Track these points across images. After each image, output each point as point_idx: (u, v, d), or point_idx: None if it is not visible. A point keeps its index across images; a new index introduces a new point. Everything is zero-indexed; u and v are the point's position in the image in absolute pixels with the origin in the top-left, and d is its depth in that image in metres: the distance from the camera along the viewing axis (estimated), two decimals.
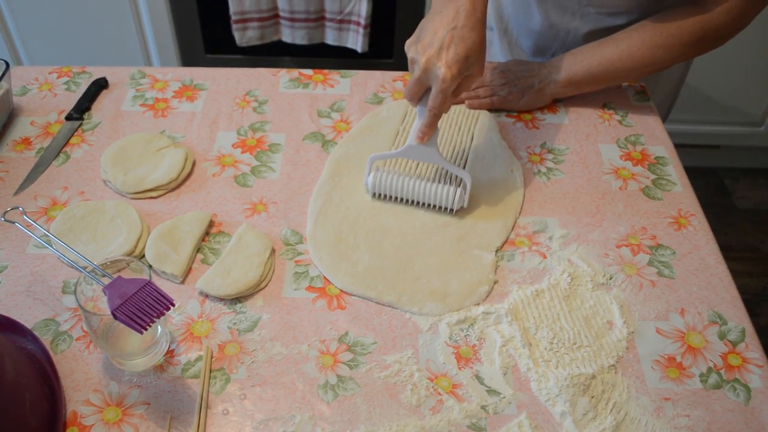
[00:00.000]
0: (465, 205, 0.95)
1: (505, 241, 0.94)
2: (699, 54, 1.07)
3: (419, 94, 0.90)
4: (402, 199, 0.97)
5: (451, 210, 0.96)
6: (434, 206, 0.97)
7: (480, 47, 0.87)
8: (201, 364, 0.79)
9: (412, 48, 0.89)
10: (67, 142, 1.07)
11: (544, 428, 0.75)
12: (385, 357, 0.81)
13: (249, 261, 0.87)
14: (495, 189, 1.00)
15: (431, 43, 0.86)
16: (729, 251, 0.94)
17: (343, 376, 0.79)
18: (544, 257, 0.92)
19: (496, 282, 0.89)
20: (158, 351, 0.79)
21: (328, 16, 2.00)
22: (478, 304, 0.86)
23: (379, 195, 0.98)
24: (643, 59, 1.07)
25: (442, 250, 0.92)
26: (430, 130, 0.90)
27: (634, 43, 1.06)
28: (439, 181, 0.97)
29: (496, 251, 0.93)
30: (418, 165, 1.01)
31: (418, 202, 0.97)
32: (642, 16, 1.08)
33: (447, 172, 0.99)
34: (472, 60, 0.86)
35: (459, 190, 0.94)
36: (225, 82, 1.19)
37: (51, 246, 0.85)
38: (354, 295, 0.87)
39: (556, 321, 0.84)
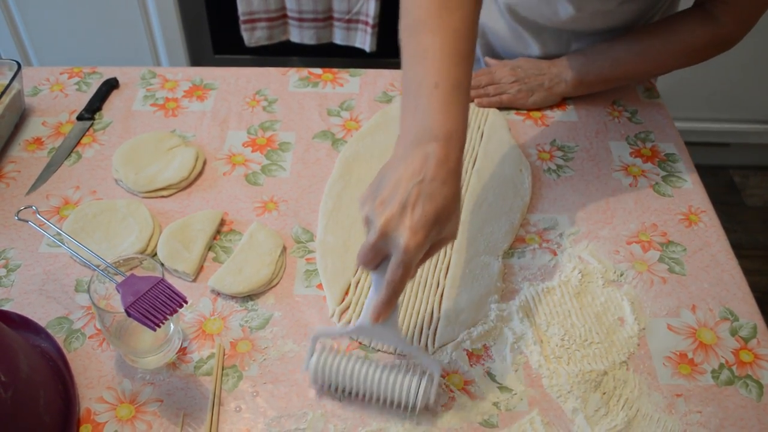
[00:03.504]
0: (431, 402, 0.74)
1: (512, 244, 0.94)
2: (706, 59, 1.07)
3: (376, 261, 0.69)
4: (349, 392, 0.76)
5: (413, 408, 0.74)
6: (390, 402, 0.75)
7: (453, 205, 0.69)
8: (213, 361, 0.80)
9: (367, 204, 0.69)
10: (78, 142, 1.07)
11: (555, 424, 0.75)
12: (397, 354, 0.81)
13: (260, 259, 0.88)
14: (503, 189, 1.00)
15: (391, 200, 0.66)
16: (739, 249, 0.94)
17: None
18: (555, 254, 0.92)
19: (504, 289, 0.88)
20: (171, 348, 0.80)
21: (336, 15, 2.00)
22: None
23: (321, 385, 0.77)
24: (654, 62, 1.08)
25: (450, 263, 0.90)
26: (387, 308, 0.69)
27: (645, 48, 1.06)
28: (399, 370, 0.75)
29: (503, 255, 0.92)
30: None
31: (370, 397, 0.75)
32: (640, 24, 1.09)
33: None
34: (443, 221, 0.67)
35: (424, 381, 0.73)
36: (235, 81, 1.19)
37: (64, 244, 0.85)
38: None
39: (567, 318, 0.84)
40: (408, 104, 0.75)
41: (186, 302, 0.72)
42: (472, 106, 1.13)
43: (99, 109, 1.13)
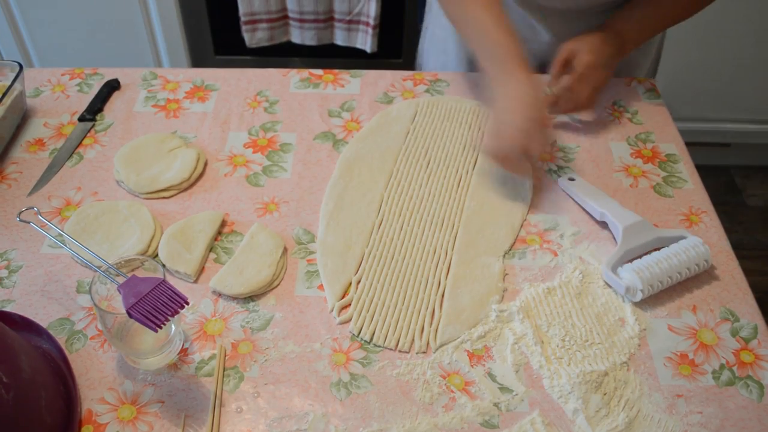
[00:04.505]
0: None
1: (513, 244, 0.94)
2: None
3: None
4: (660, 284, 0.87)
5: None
6: (682, 273, 0.88)
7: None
8: (214, 362, 0.80)
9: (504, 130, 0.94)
10: (80, 143, 1.07)
11: (556, 425, 0.75)
12: (398, 355, 0.81)
13: (261, 260, 0.88)
14: (504, 190, 1.00)
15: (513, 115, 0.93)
16: (740, 249, 0.94)
17: (355, 373, 0.79)
18: (556, 255, 0.92)
19: (505, 290, 0.88)
20: (172, 349, 0.80)
21: (337, 16, 2.00)
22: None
23: (639, 291, 0.86)
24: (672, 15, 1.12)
25: (451, 263, 0.91)
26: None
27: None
28: (673, 248, 0.89)
29: (504, 256, 0.92)
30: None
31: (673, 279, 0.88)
32: None
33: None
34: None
35: (702, 244, 0.89)
36: (236, 82, 1.20)
37: (65, 245, 0.85)
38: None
39: (568, 318, 0.84)
40: (485, 66, 1.00)
41: (187, 303, 0.72)
42: (471, 106, 1.13)
43: (100, 110, 1.14)
